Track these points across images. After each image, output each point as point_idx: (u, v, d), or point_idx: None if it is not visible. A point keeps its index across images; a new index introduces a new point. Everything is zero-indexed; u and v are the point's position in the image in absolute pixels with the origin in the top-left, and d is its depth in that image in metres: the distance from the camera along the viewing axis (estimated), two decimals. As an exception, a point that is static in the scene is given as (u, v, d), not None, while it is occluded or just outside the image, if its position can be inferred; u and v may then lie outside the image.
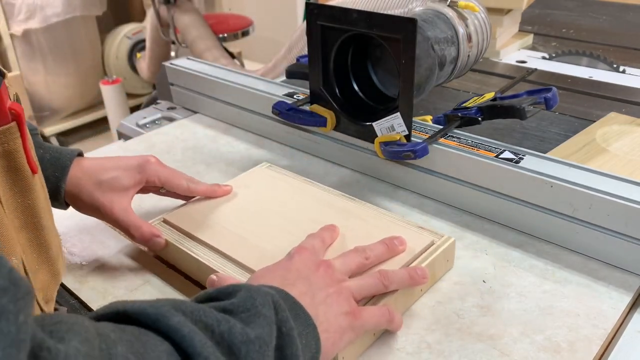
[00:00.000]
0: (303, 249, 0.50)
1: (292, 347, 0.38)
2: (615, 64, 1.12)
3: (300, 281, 0.45)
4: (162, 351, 0.31)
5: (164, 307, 0.33)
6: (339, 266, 0.49)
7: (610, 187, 0.57)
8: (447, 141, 0.68)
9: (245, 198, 0.66)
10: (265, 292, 0.39)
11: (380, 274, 0.50)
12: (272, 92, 0.85)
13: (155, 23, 1.95)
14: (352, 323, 0.45)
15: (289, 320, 0.38)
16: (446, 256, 0.57)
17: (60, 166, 0.57)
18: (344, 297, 0.46)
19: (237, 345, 0.34)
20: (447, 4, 0.76)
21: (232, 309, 0.37)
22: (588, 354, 0.48)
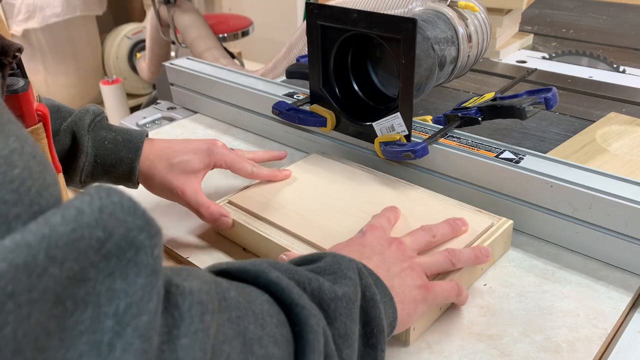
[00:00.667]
0: (374, 227, 0.53)
1: (375, 310, 0.40)
2: (615, 64, 1.12)
3: (376, 256, 0.48)
4: (264, 300, 0.34)
5: (263, 264, 0.36)
6: (409, 243, 0.52)
7: (610, 187, 0.57)
8: (447, 141, 0.68)
9: (305, 182, 0.69)
10: (349, 259, 0.42)
11: (449, 252, 0.52)
12: (272, 92, 0.85)
13: (155, 23, 1.94)
14: (425, 296, 0.47)
15: (371, 286, 0.40)
16: (504, 238, 0.60)
17: (133, 147, 0.62)
18: (416, 272, 0.48)
19: (327, 301, 0.36)
20: (447, 4, 0.76)
21: (320, 271, 0.39)
22: (588, 354, 0.48)
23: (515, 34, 1.26)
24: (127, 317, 0.22)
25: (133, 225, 0.23)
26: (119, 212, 0.23)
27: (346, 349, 0.36)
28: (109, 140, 0.62)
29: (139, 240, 0.24)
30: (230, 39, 2.09)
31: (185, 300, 0.27)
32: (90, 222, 0.22)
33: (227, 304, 0.31)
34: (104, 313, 0.22)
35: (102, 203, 0.23)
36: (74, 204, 0.22)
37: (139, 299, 0.23)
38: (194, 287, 0.28)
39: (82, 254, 0.22)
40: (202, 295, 0.28)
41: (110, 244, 0.23)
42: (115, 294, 0.23)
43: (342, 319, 0.37)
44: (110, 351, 0.22)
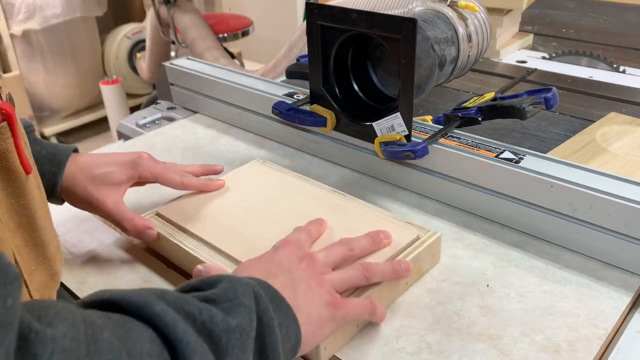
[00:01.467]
0: (288, 242, 0.51)
1: (272, 336, 0.39)
2: (615, 64, 1.12)
3: (283, 274, 0.47)
4: (145, 337, 0.32)
5: (148, 295, 0.34)
6: (323, 258, 0.50)
7: (610, 187, 0.57)
8: (447, 141, 0.68)
9: (238, 192, 0.67)
10: (247, 283, 0.40)
11: (363, 267, 0.50)
12: (272, 92, 0.85)
13: (155, 23, 1.94)
14: (333, 314, 0.46)
15: (269, 310, 0.39)
16: (432, 251, 0.58)
17: (57, 162, 0.59)
18: (325, 289, 0.47)
19: (218, 333, 0.35)
20: (447, 4, 0.76)
21: (214, 299, 0.38)
22: (588, 354, 0.48)
23: (515, 34, 1.26)
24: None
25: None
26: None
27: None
28: (32, 153, 0.59)
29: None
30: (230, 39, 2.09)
31: (45, 350, 0.25)
32: None
33: (98, 347, 0.29)
34: None
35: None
36: None
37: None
38: (58, 334, 0.26)
39: None
40: (65, 342, 0.26)
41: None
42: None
43: (235, 352, 0.35)
44: None
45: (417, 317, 0.53)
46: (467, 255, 0.61)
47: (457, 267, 0.59)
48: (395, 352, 0.50)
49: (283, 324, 0.41)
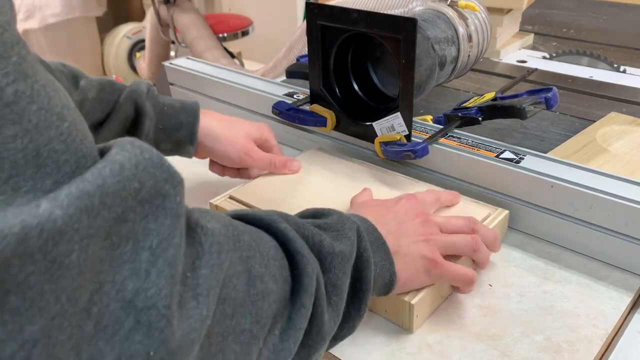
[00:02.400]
0: (413, 197, 0.56)
1: (367, 270, 0.44)
2: (616, 63, 1.12)
3: (393, 223, 0.51)
4: (271, 245, 0.40)
5: (275, 215, 0.42)
6: (438, 223, 0.54)
7: (610, 187, 0.57)
8: (447, 141, 0.68)
9: (306, 178, 0.70)
10: (353, 221, 0.45)
11: (474, 239, 0.53)
12: (272, 92, 0.85)
13: (155, 23, 1.94)
14: (429, 269, 0.50)
15: (368, 249, 0.45)
16: (501, 228, 0.62)
17: (191, 112, 0.67)
18: (428, 247, 0.50)
19: (324, 254, 0.41)
20: (448, 4, 0.76)
21: (325, 227, 0.44)
22: (588, 354, 0.48)
23: (515, 33, 1.26)
24: (159, 250, 0.28)
25: (160, 178, 0.29)
26: (150, 167, 0.28)
27: (334, 297, 0.41)
28: (167, 105, 0.67)
29: (165, 190, 0.29)
30: (230, 38, 2.09)
31: (207, 240, 0.32)
32: (130, 175, 0.27)
33: (240, 244, 0.36)
34: (141, 247, 0.28)
35: (137, 159, 0.28)
36: (118, 159, 0.27)
37: (167, 236, 0.29)
38: (215, 229, 0.33)
39: (124, 200, 0.27)
40: (220, 237, 0.33)
41: (144, 193, 0.28)
42: (149, 232, 0.28)
43: (335, 271, 0.41)
44: (147, 276, 0.28)
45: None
46: (467, 255, 0.61)
47: (457, 267, 0.59)
48: (395, 352, 0.50)
49: (379, 263, 0.47)
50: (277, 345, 0.38)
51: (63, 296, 0.24)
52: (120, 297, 0.27)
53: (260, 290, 0.36)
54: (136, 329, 0.27)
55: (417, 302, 0.50)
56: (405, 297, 0.50)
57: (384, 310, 0.53)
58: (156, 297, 0.28)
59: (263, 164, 0.69)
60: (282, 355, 0.38)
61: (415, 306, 0.50)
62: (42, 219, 0.23)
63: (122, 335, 0.27)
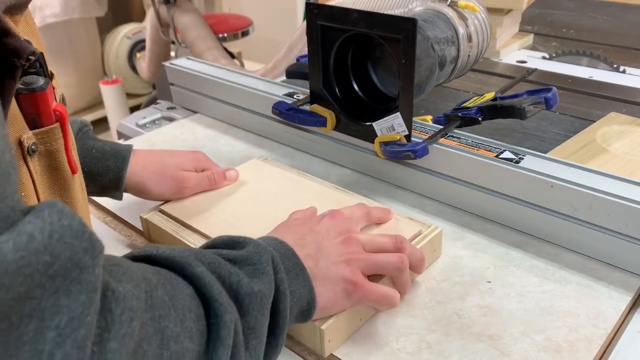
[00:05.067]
0: (337, 214, 0.54)
1: (284, 303, 0.43)
2: (616, 64, 1.12)
3: (313, 245, 0.49)
4: (187, 294, 0.37)
5: (190, 257, 0.40)
6: (364, 241, 0.52)
7: (610, 187, 0.57)
8: (447, 141, 0.68)
9: (241, 189, 0.68)
10: (269, 252, 0.44)
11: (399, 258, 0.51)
12: (272, 92, 0.85)
13: (155, 23, 1.94)
14: (350, 292, 0.48)
15: (284, 281, 0.43)
16: (433, 245, 0.59)
17: (120, 157, 0.63)
18: (349, 269, 0.49)
19: (242, 295, 0.40)
20: (447, 4, 0.76)
21: (241, 261, 0.42)
22: (588, 354, 0.48)
23: (515, 34, 1.26)
24: (68, 329, 0.25)
25: (79, 249, 0.26)
26: (67, 236, 0.26)
27: (253, 340, 0.40)
28: (96, 149, 0.63)
29: (83, 262, 0.26)
30: (230, 39, 2.09)
31: (118, 307, 0.30)
32: (39, 248, 0.24)
33: (153, 302, 0.34)
34: (47, 326, 0.25)
35: (52, 228, 0.25)
36: (27, 229, 0.24)
37: (79, 313, 0.26)
38: (127, 292, 0.31)
39: (29, 277, 0.24)
40: (132, 301, 0.31)
41: (56, 266, 0.25)
42: (58, 309, 0.25)
43: (254, 313, 0.40)
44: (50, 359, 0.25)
45: (417, 317, 0.53)
46: (467, 255, 0.61)
47: (457, 267, 0.59)
48: (395, 352, 0.50)
49: (297, 291, 0.45)
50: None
51: None
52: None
53: (174, 351, 0.34)
54: None
55: (327, 327, 0.48)
56: (315, 322, 0.48)
57: (298, 335, 0.52)
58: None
59: (203, 187, 0.67)
60: None
61: (325, 331, 0.48)
62: None
63: None
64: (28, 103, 0.39)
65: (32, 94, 0.39)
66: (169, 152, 0.69)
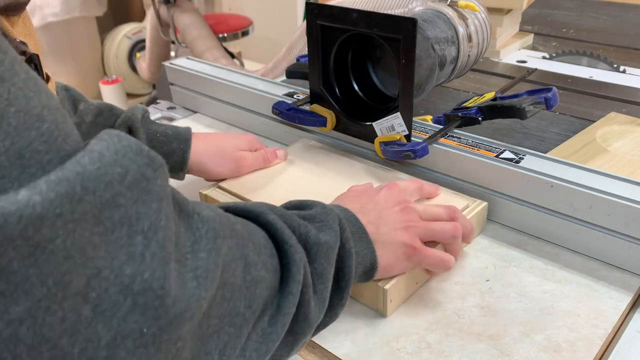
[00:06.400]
0: (394, 185, 0.57)
1: (349, 260, 0.46)
2: (616, 64, 1.12)
3: (373, 212, 0.53)
4: (261, 235, 0.41)
5: (263, 207, 0.44)
6: (419, 210, 0.55)
7: (610, 187, 0.57)
8: (447, 141, 0.68)
9: (292, 168, 0.72)
10: (335, 213, 0.47)
11: (454, 226, 0.54)
12: (272, 92, 0.85)
13: (155, 23, 1.94)
14: (409, 255, 0.52)
15: (350, 240, 0.47)
16: (478, 219, 0.63)
17: (183, 139, 0.68)
18: (408, 234, 0.52)
19: (311, 244, 0.43)
20: (447, 4, 0.76)
21: (310, 218, 0.46)
22: (588, 354, 0.48)
23: (515, 33, 1.26)
24: (150, 233, 0.29)
25: (142, 163, 0.29)
26: (129, 152, 0.29)
27: (319, 285, 0.43)
28: (160, 133, 0.68)
29: (147, 174, 0.30)
30: (230, 39, 2.09)
31: (204, 226, 0.34)
32: (110, 161, 0.28)
33: (235, 233, 0.38)
34: (135, 231, 0.29)
35: (116, 147, 0.28)
36: (97, 148, 0.28)
37: (155, 218, 0.30)
38: (211, 217, 0.35)
39: (109, 185, 0.27)
40: (215, 224, 0.35)
41: (129, 177, 0.28)
42: (141, 216, 0.29)
43: (321, 261, 0.43)
44: (142, 259, 0.28)
45: (417, 317, 0.53)
46: (467, 255, 0.61)
47: (457, 267, 0.59)
48: (395, 352, 0.50)
49: (361, 252, 0.48)
50: (265, 329, 0.39)
51: (49, 280, 0.25)
52: (119, 281, 0.28)
53: (254, 277, 0.38)
54: (133, 310, 0.28)
55: (390, 287, 0.52)
56: (379, 282, 0.52)
57: (360, 296, 0.55)
58: (151, 279, 0.29)
59: (258, 165, 0.71)
60: (269, 339, 0.39)
61: (388, 291, 0.52)
62: (21, 205, 0.24)
63: (119, 317, 0.28)
64: None
65: None
66: (225, 135, 0.74)
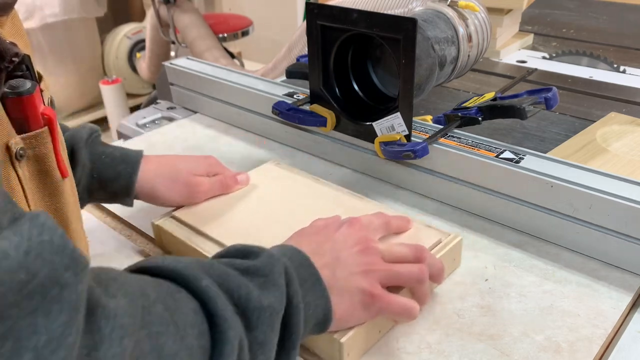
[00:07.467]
0: (355, 221, 0.52)
1: (297, 317, 0.42)
2: (615, 64, 1.12)
3: (330, 253, 0.48)
4: (190, 309, 0.36)
5: (195, 269, 0.38)
6: (383, 250, 0.50)
7: (610, 187, 0.57)
8: (447, 141, 0.68)
9: (254, 194, 0.67)
10: (282, 263, 0.43)
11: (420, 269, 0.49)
12: (272, 92, 0.85)
13: (155, 23, 1.94)
14: (368, 304, 0.47)
15: (297, 294, 0.42)
16: (453, 254, 0.58)
17: (131, 162, 0.62)
18: (367, 280, 0.47)
19: (251, 309, 0.39)
20: (447, 4, 0.76)
21: (253, 271, 0.41)
22: (588, 354, 0.48)
23: (515, 34, 1.26)
24: (46, 351, 0.24)
25: (59, 265, 0.25)
26: (46, 252, 0.25)
27: (261, 355, 0.39)
28: (106, 154, 0.62)
29: (64, 279, 0.25)
30: (230, 39, 2.09)
31: (107, 324, 0.29)
32: (13, 266, 0.24)
33: (151, 319, 0.33)
34: (24, 347, 0.24)
35: (30, 244, 0.24)
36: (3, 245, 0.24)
37: (59, 334, 0.25)
38: (119, 309, 0.30)
39: (2, 297, 0.23)
40: (124, 319, 0.30)
41: (33, 285, 0.24)
42: (36, 329, 0.24)
43: (263, 328, 0.39)
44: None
45: (417, 317, 0.53)
46: (467, 255, 0.61)
47: (457, 267, 0.59)
48: (395, 352, 0.50)
49: (312, 302, 0.44)
50: None
51: None
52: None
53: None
54: None
55: (347, 340, 0.46)
56: (335, 334, 0.47)
57: (315, 348, 0.50)
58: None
59: (215, 191, 0.66)
60: None
61: (345, 344, 0.46)
62: None
63: None
64: (15, 107, 0.38)
65: (19, 97, 0.38)
66: (181, 157, 0.68)
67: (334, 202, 0.64)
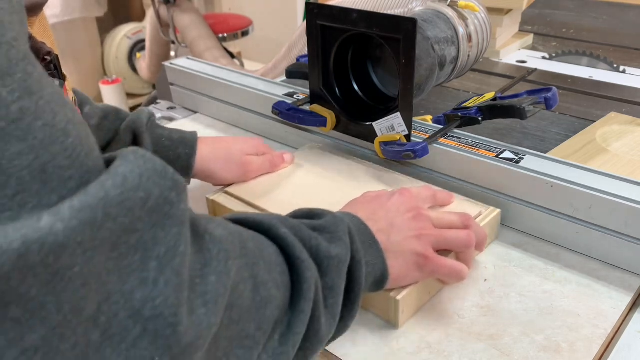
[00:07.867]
0: (406, 191, 0.56)
1: (359, 271, 0.45)
2: (615, 64, 1.12)
3: (384, 220, 0.52)
4: (273, 251, 0.41)
5: (274, 219, 0.43)
6: (432, 218, 0.54)
7: (610, 187, 0.57)
8: (447, 141, 0.68)
9: (299, 173, 0.71)
10: (346, 223, 0.46)
11: (468, 235, 0.53)
12: (272, 92, 0.85)
13: (155, 23, 1.94)
14: (421, 265, 0.50)
15: (360, 251, 0.46)
16: (492, 226, 0.62)
17: (189, 144, 0.67)
18: (420, 243, 0.51)
19: (322, 258, 0.42)
20: (447, 4, 0.76)
21: (320, 229, 0.45)
22: (588, 354, 0.48)
23: (515, 34, 1.26)
24: (166, 259, 0.29)
25: (165, 186, 0.29)
26: (154, 176, 0.29)
27: (331, 300, 0.42)
28: (165, 137, 0.67)
29: (170, 198, 0.29)
30: (230, 39, 2.09)
31: (215, 247, 0.34)
32: (134, 186, 0.27)
33: (246, 252, 0.38)
34: (150, 256, 0.28)
35: (140, 170, 0.28)
36: (120, 171, 0.27)
37: (173, 244, 0.29)
38: (222, 236, 0.35)
39: (130, 211, 0.27)
40: (227, 244, 0.35)
41: (151, 202, 0.28)
42: (157, 241, 0.29)
43: (332, 275, 0.43)
44: (155, 285, 0.28)
45: (417, 317, 0.53)
46: (467, 255, 0.61)
47: (457, 267, 0.59)
48: (395, 352, 0.50)
49: (371, 262, 0.47)
50: (276, 349, 0.39)
51: (65, 307, 0.25)
52: (129, 306, 0.27)
53: (264, 297, 0.37)
54: (143, 336, 0.28)
55: (402, 298, 0.51)
56: (391, 292, 0.51)
57: (371, 306, 0.54)
58: (163, 305, 0.28)
59: (264, 169, 0.70)
60: (280, 359, 0.38)
61: (400, 302, 0.50)
62: (43, 233, 0.23)
63: (129, 343, 0.27)
64: None
65: None
66: (232, 139, 0.73)
67: (378, 179, 0.68)
